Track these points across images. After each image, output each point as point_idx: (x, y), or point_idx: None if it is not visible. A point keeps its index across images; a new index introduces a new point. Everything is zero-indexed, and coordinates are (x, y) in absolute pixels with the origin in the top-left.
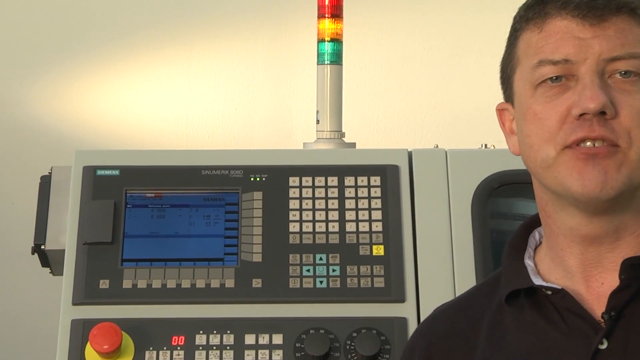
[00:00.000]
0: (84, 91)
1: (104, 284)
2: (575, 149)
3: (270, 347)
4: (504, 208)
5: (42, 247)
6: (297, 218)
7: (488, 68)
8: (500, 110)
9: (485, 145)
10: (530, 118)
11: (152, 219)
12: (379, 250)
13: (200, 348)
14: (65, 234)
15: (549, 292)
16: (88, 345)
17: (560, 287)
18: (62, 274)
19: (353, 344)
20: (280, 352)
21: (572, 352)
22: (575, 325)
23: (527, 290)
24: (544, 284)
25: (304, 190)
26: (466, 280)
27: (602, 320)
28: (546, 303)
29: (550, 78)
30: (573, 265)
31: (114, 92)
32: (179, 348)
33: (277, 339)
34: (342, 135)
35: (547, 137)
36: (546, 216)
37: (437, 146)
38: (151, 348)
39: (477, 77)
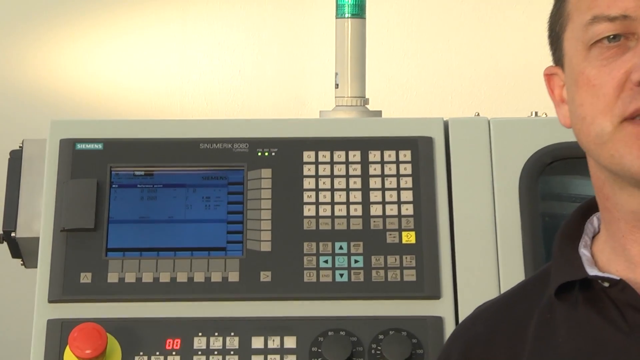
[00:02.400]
0: (62, 54)
1: (85, 277)
2: (636, 122)
3: (282, 351)
4: (557, 187)
5: (13, 234)
6: (313, 200)
7: (538, 23)
8: (548, 75)
9: (536, 114)
10: (582, 84)
11: (142, 201)
12: (409, 238)
13: (199, 353)
14: (39, 219)
15: (606, 284)
16: (67, 350)
17: (619, 278)
18: (36, 266)
19: (379, 348)
20: (293, 357)
21: (633, 354)
22: (636, 323)
23: (581, 283)
24: (601, 274)
25: (320, 167)
26: (513, 273)
27: None
28: (603, 297)
29: (607, 37)
30: (636, 255)
31: (96, 55)
32: (174, 353)
33: (290, 342)
34: (366, 101)
35: (603, 108)
36: (604, 198)
37: (478, 114)
38: (141, 353)
39: (525, 34)
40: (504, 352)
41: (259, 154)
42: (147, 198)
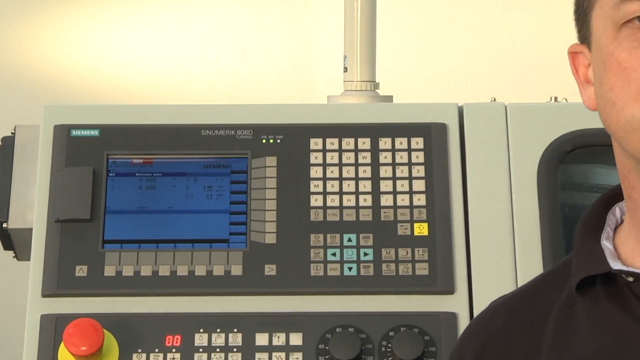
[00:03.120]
0: (56, 38)
1: (80, 270)
2: None
3: (287, 349)
4: (578, 177)
5: (4, 225)
6: (320, 189)
7: (559, 2)
8: (573, 54)
9: (555, 99)
10: (612, 67)
11: (140, 191)
12: (422, 230)
13: (201, 350)
14: (32, 210)
15: (631, 279)
16: (62, 347)
17: None
18: (29, 259)
19: (390, 345)
20: (300, 355)
21: None
22: None
23: (604, 277)
24: (625, 268)
25: (328, 154)
26: (530, 266)
27: None
28: (627, 293)
29: (638, 17)
30: None
31: (92, 38)
32: (174, 350)
33: (296, 339)
34: (376, 86)
35: (635, 94)
36: (629, 187)
37: (494, 100)
38: (140, 350)
39: (545, 14)
40: (521, 350)
41: (264, 141)
42: (145, 187)
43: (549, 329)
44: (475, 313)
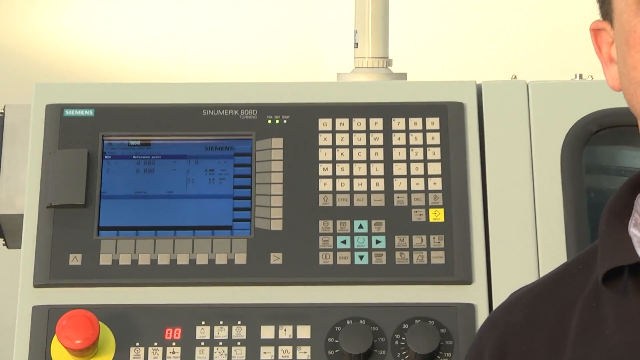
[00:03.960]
0: (48, 13)
1: (74, 259)
2: None
3: (295, 342)
4: (604, 159)
5: None
6: (329, 173)
7: None
8: (595, 31)
9: (580, 76)
10: (635, 44)
11: (138, 174)
12: (437, 216)
13: (202, 344)
14: (23, 195)
15: None
16: (55, 340)
17: None
18: (19, 247)
19: (404, 338)
20: (308, 349)
21: None
22: None
23: (632, 268)
24: None
25: (338, 136)
26: (554, 255)
27: None
28: None
29: None
30: None
31: (86, 13)
32: (174, 344)
33: (304, 332)
34: (389, 63)
35: None
36: None
37: (515, 77)
38: (137, 344)
39: None
40: (543, 344)
41: (269, 121)
42: (143, 171)
43: (574, 322)
44: (495, 304)
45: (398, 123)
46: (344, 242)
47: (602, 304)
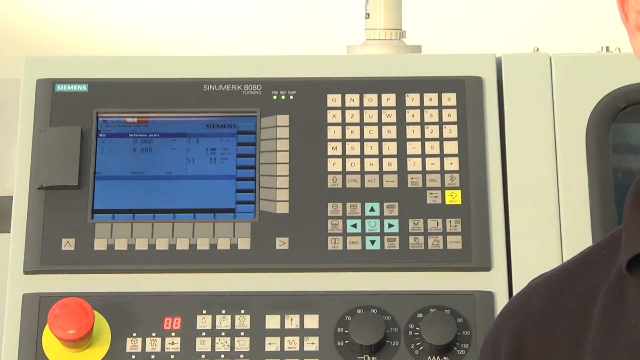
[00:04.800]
0: None
1: (67, 244)
2: None
3: (302, 332)
4: (632, 137)
5: None
6: (339, 152)
7: None
8: None
9: (607, 49)
10: None
11: (135, 154)
12: (454, 198)
13: (204, 334)
14: (12, 175)
15: None
16: (46, 330)
17: None
18: (9, 231)
19: (418, 328)
20: (316, 339)
21: None
22: None
23: None
24: None
25: (348, 112)
26: (578, 239)
27: None
28: None
29: None
30: None
31: None
32: (173, 334)
33: (311, 321)
34: (403, 34)
35: None
36: None
37: (537, 50)
38: (134, 334)
39: None
40: (564, 335)
41: (274, 97)
42: (140, 150)
43: (596, 311)
44: (515, 292)
45: (412, 99)
46: (354, 226)
47: (627, 293)
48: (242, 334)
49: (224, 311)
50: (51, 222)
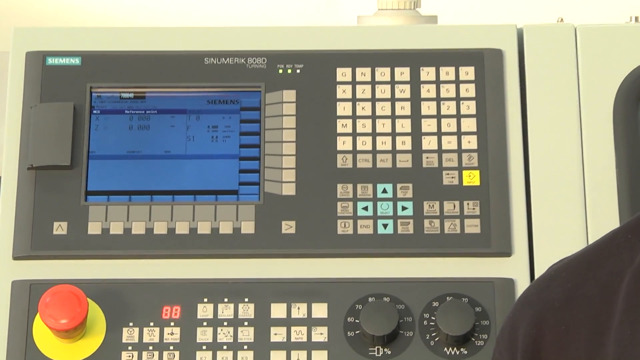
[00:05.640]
0: None
1: (59, 228)
2: None
3: (309, 322)
4: None
5: None
6: (349, 130)
7: None
8: None
9: (636, 19)
10: None
11: (131, 132)
12: (472, 179)
13: (205, 324)
14: (0, 154)
15: None
16: (37, 319)
17: None
18: None
19: (433, 318)
20: (324, 329)
21: None
22: None
23: None
24: None
25: (358, 87)
26: (604, 223)
27: None
28: None
29: None
30: None
31: None
32: (172, 324)
33: (320, 310)
34: (417, 4)
35: None
36: None
37: (561, 20)
38: (131, 324)
39: None
40: (585, 324)
41: (280, 71)
42: (137, 127)
43: (620, 299)
44: None
45: (427, 73)
46: (366, 208)
47: None
48: (245, 323)
49: (226, 299)
50: (42, 205)
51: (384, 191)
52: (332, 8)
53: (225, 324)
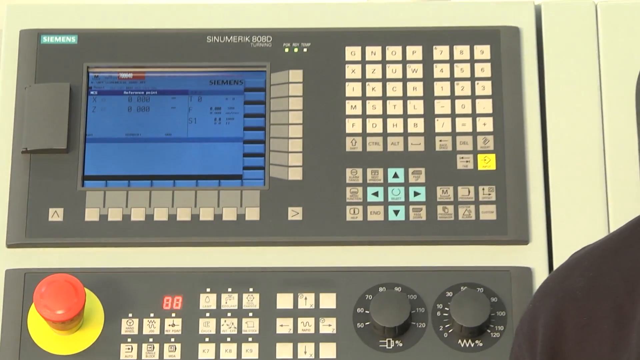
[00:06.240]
0: None
1: (55, 214)
2: None
3: (317, 313)
4: None
5: None
6: (359, 111)
7: None
8: None
9: None
10: None
11: (130, 113)
12: (488, 162)
13: (208, 315)
14: None
15: None
16: (32, 310)
17: None
18: None
19: (447, 309)
20: (332, 321)
21: None
22: None
23: None
24: None
25: (368, 67)
26: (627, 209)
27: None
28: None
29: None
30: None
31: None
32: (173, 315)
33: (328, 300)
34: None
35: None
36: None
37: None
38: (130, 315)
39: None
40: (608, 315)
41: (286, 50)
42: (136, 109)
43: None
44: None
45: (440, 52)
46: (376, 194)
47: None
48: (250, 314)
49: (230, 289)
50: (37, 190)
51: (395, 176)
52: None
53: (229, 315)
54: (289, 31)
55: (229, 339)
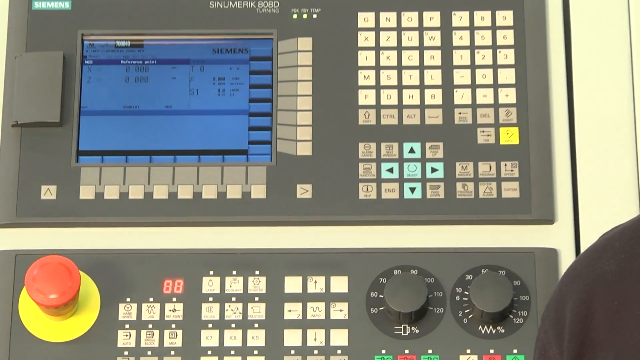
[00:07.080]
0: None
1: (47, 192)
2: None
3: (327, 297)
4: None
5: None
6: (372, 82)
7: None
8: None
9: None
10: None
11: (127, 84)
12: (510, 137)
13: (211, 299)
14: None
15: None
16: (23, 294)
17: None
18: None
19: (467, 293)
20: (344, 305)
21: None
22: None
23: None
24: None
25: (383, 35)
26: None
27: None
28: None
29: None
30: None
31: None
32: (174, 299)
33: (339, 284)
34: None
35: None
36: None
37: None
38: (128, 299)
39: None
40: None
41: (295, 16)
42: (134, 79)
43: None
44: (583, 249)
45: (460, 18)
46: (391, 170)
47: None
48: (256, 299)
49: (234, 272)
50: (28, 166)
51: (411, 151)
52: None
53: (234, 299)
54: None
55: (233, 325)
